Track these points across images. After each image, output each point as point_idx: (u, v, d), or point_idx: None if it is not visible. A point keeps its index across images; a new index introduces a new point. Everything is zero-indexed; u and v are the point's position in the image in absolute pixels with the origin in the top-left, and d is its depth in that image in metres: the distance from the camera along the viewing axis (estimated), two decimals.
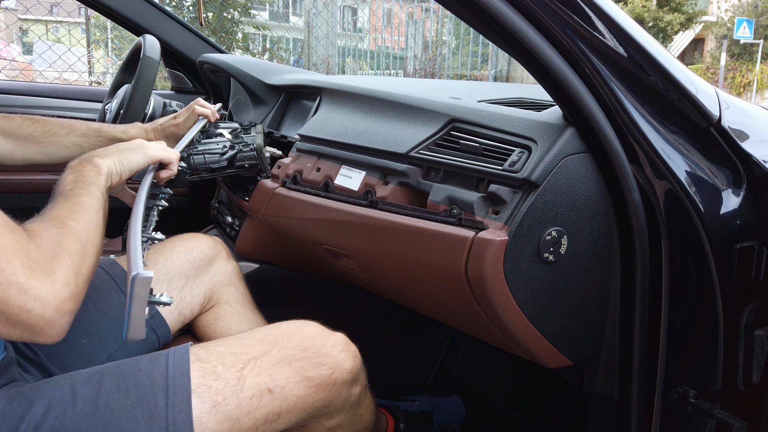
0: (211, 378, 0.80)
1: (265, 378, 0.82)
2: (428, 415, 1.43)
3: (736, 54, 17.43)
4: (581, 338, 0.90)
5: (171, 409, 0.76)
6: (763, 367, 0.81)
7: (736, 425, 0.81)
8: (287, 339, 0.87)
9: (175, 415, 0.75)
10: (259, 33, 10.30)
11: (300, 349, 0.86)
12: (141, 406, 0.76)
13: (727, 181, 0.84)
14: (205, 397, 0.78)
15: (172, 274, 1.12)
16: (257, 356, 0.84)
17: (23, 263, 0.65)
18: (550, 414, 1.42)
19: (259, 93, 1.64)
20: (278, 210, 1.22)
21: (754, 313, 0.82)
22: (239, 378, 0.81)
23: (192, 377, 0.79)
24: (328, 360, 0.87)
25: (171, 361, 0.80)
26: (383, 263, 1.03)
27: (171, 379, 0.78)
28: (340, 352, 0.89)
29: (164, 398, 0.77)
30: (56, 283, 0.67)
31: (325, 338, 0.89)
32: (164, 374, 0.79)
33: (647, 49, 0.80)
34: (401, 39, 9.91)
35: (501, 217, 0.83)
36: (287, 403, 0.83)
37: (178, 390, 0.77)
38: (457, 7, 0.78)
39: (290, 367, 0.84)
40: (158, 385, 0.78)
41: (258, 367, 0.83)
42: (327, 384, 0.86)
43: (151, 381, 0.78)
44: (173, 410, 0.76)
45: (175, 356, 0.81)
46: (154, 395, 0.77)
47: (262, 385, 0.82)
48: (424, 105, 1.03)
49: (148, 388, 0.78)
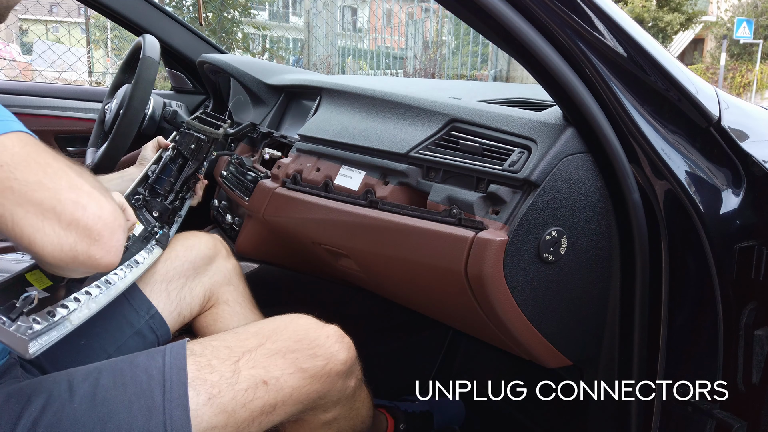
0: (207, 371, 0.81)
1: (260, 370, 0.83)
2: (428, 415, 1.43)
3: (736, 54, 17.43)
4: (581, 338, 0.90)
5: (168, 403, 0.77)
6: (762, 367, 0.81)
7: (736, 425, 0.81)
8: (281, 331, 0.88)
9: (172, 409, 0.76)
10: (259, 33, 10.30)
11: (294, 341, 0.87)
12: (138, 400, 0.77)
13: (727, 181, 0.84)
14: (201, 390, 0.79)
15: (171, 274, 1.12)
16: (251, 349, 0.85)
17: (68, 166, 0.61)
18: (550, 414, 1.42)
19: (259, 93, 1.64)
20: (278, 210, 1.22)
21: (753, 313, 0.82)
22: (234, 370, 0.82)
23: (188, 371, 0.80)
24: (323, 351, 0.88)
25: (168, 357, 0.81)
26: (383, 263, 1.03)
27: (168, 373, 0.79)
28: (334, 343, 0.89)
29: (161, 393, 0.77)
30: (107, 204, 0.62)
31: (318, 330, 0.90)
32: (161, 369, 0.79)
33: (647, 49, 0.80)
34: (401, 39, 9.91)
35: (501, 217, 0.83)
36: (282, 394, 0.84)
37: (174, 384, 0.78)
38: (457, 7, 0.78)
39: (284, 359, 0.85)
40: (155, 380, 0.78)
41: (252, 360, 0.84)
42: (322, 375, 0.87)
43: (148, 376, 0.79)
44: (170, 404, 0.76)
45: (171, 351, 0.82)
46: (151, 390, 0.78)
47: (256, 376, 0.82)
48: (424, 105, 1.03)
49: (145, 383, 0.78)
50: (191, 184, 1.34)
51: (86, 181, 0.61)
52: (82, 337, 0.98)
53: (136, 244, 1.04)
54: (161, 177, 1.25)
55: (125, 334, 1.02)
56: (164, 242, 1.11)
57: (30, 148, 0.58)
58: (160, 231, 1.11)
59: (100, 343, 1.00)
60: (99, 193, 0.61)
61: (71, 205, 0.57)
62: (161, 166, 1.26)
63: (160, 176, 1.25)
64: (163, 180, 1.24)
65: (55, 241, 0.57)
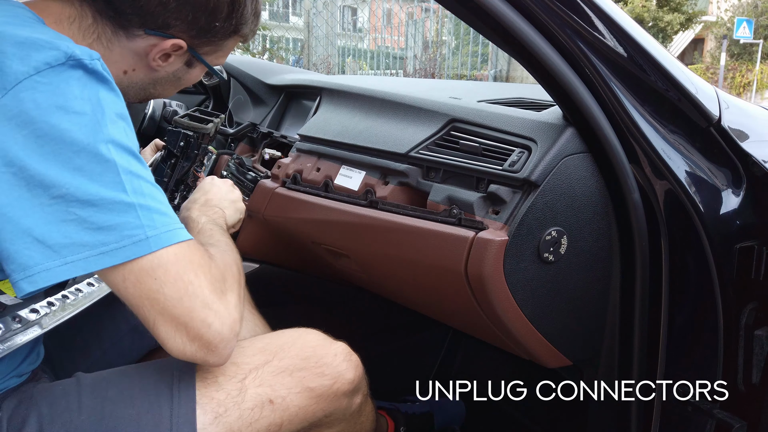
0: (213, 389, 0.79)
1: (266, 389, 0.81)
2: (429, 416, 1.43)
3: (736, 54, 17.43)
4: (581, 338, 0.90)
5: (176, 419, 0.75)
6: (762, 367, 0.81)
7: (736, 425, 0.81)
8: (288, 348, 0.86)
9: (179, 426, 0.75)
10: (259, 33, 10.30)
11: (301, 359, 0.85)
12: (146, 415, 0.76)
13: (727, 181, 0.84)
14: (208, 408, 0.77)
15: None
16: (258, 366, 0.83)
17: (207, 279, 0.69)
18: (550, 414, 1.42)
19: (259, 93, 1.64)
20: (278, 210, 1.22)
21: (754, 313, 0.82)
22: (240, 389, 0.80)
23: (196, 387, 0.79)
24: (330, 370, 0.86)
25: (176, 371, 0.80)
26: (383, 263, 1.03)
27: (176, 389, 0.78)
28: (341, 362, 0.88)
29: (169, 408, 0.76)
30: (229, 304, 0.71)
31: (326, 348, 0.88)
32: (169, 384, 0.78)
33: (647, 49, 0.80)
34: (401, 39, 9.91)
35: (501, 217, 0.83)
36: (288, 413, 0.82)
37: (183, 401, 0.77)
38: (457, 7, 0.78)
39: (291, 378, 0.83)
40: (164, 396, 0.77)
41: (259, 378, 0.82)
42: (328, 395, 0.85)
43: (157, 391, 0.78)
44: (178, 420, 0.75)
45: (179, 366, 0.81)
46: (159, 406, 0.76)
47: (263, 395, 0.81)
48: (424, 105, 1.03)
49: (153, 398, 0.77)
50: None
51: (218, 285, 0.71)
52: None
53: None
54: (156, 178, 1.25)
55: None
56: None
57: (180, 264, 0.68)
58: None
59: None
60: (226, 301, 0.71)
61: (199, 323, 0.68)
62: (153, 168, 1.26)
63: (155, 177, 1.25)
64: (157, 181, 1.24)
65: (181, 347, 0.69)
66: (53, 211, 0.62)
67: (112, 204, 0.63)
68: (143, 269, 0.65)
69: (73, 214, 0.62)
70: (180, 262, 0.68)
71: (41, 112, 0.61)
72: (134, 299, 0.67)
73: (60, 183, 0.61)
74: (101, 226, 0.63)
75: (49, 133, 0.61)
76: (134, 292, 0.66)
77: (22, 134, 0.60)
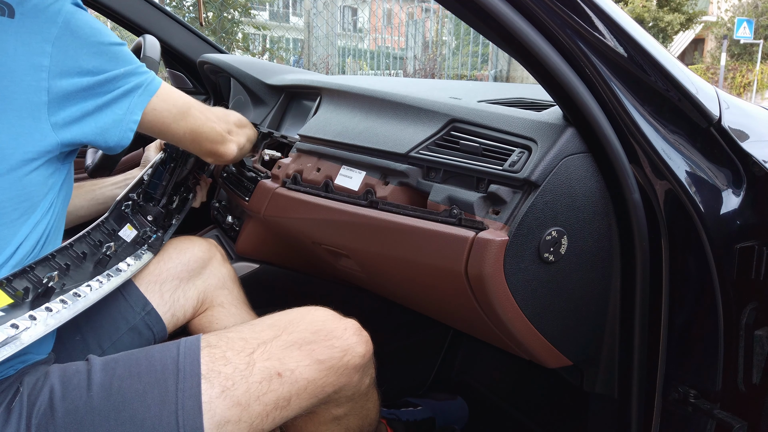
0: (221, 363, 0.80)
1: (275, 362, 0.82)
2: (430, 421, 1.42)
3: (736, 54, 17.44)
4: (581, 338, 0.90)
5: (181, 393, 0.77)
6: (763, 367, 0.81)
7: (736, 425, 0.81)
8: (297, 323, 0.87)
9: (184, 400, 0.76)
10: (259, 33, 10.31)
11: (311, 332, 0.85)
12: (152, 390, 0.77)
13: (727, 181, 0.84)
14: (215, 382, 0.78)
15: (164, 276, 1.11)
16: (267, 341, 0.84)
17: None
18: (550, 414, 1.42)
19: (259, 93, 1.64)
20: (278, 210, 1.22)
21: (754, 313, 0.82)
22: (248, 363, 0.81)
23: (202, 363, 0.80)
24: (340, 343, 0.86)
25: (182, 348, 0.81)
26: (383, 263, 1.03)
27: (182, 364, 0.79)
28: (351, 336, 0.87)
29: (174, 383, 0.77)
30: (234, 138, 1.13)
31: (336, 322, 0.89)
32: (175, 360, 0.80)
33: (647, 49, 0.80)
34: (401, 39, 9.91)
35: (501, 217, 0.83)
36: (297, 387, 0.82)
37: (188, 375, 0.78)
38: (457, 7, 0.78)
39: (300, 351, 0.84)
40: (169, 371, 0.79)
41: (267, 352, 0.83)
42: (339, 367, 0.85)
43: (163, 366, 0.79)
44: (183, 394, 0.77)
45: (186, 342, 0.82)
46: (165, 380, 0.78)
47: (271, 369, 0.81)
48: (424, 105, 1.03)
49: (160, 374, 0.79)
50: (191, 184, 1.34)
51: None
52: (77, 333, 0.98)
53: (125, 249, 1.03)
54: (154, 181, 1.25)
55: (120, 330, 1.02)
56: (157, 247, 1.10)
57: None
58: (153, 235, 1.11)
59: (95, 338, 1.00)
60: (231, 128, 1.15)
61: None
62: (153, 170, 1.26)
63: (153, 180, 1.25)
64: (156, 184, 1.24)
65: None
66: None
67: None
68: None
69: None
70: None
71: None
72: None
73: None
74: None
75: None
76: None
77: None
